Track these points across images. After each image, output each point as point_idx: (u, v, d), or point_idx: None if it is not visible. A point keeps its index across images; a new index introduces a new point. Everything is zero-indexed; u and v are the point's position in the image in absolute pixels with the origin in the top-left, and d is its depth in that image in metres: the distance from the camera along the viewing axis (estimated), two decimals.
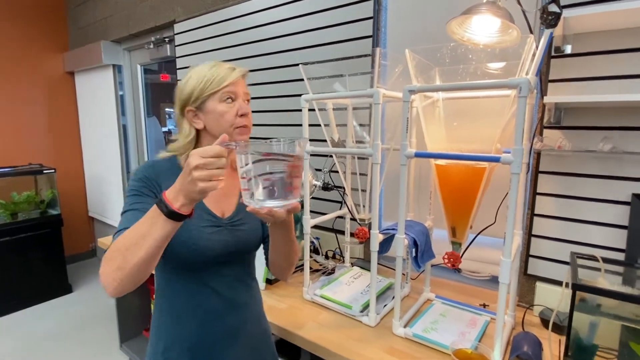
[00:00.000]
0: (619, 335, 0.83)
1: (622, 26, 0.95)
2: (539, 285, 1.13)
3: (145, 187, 0.77)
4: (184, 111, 0.82)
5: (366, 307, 1.13)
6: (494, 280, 1.29)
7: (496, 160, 0.82)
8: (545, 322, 1.07)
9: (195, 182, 0.57)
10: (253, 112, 1.10)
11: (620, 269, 0.91)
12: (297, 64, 1.67)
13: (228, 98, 0.79)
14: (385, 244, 1.10)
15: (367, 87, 1.43)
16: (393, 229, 1.08)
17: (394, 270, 1.43)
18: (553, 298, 1.11)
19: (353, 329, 1.05)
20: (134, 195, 0.76)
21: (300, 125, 1.24)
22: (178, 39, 2.25)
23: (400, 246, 0.99)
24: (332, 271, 1.38)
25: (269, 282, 1.32)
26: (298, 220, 1.45)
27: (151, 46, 2.56)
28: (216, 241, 0.80)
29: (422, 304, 1.19)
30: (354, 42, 1.48)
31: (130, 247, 0.61)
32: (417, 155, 0.92)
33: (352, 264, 1.47)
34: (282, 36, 1.71)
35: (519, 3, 0.98)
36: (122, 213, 0.74)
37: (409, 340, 0.99)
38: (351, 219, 1.39)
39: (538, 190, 1.10)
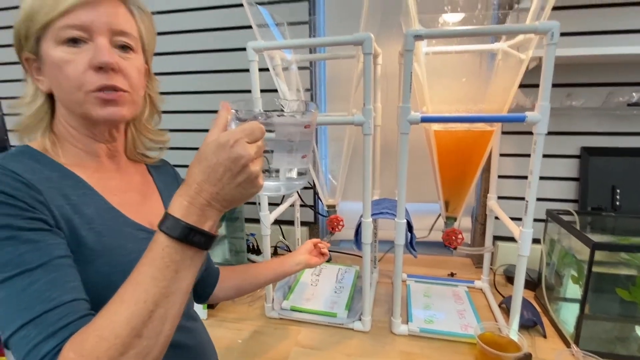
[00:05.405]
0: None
1: None
2: (501, 244, 1.15)
3: (35, 207, 0.40)
4: (22, 59, 0.49)
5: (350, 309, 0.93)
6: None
7: (521, 120, 0.71)
8: (511, 280, 1.09)
9: (254, 182, 0.39)
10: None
11: (588, 218, 0.97)
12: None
13: (70, 39, 0.44)
14: (358, 232, 0.91)
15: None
16: (382, 213, 0.89)
17: (352, 255, 1.28)
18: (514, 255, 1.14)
19: (348, 342, 0.85)
20: (37, 231, 0.39)
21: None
22: None
23: (402, 233, 0.81)
24: None
25: (210, 307, 0.97)
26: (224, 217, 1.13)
27: None
28: None
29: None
30: None
31: (150, 321, 0.35)
32: (424, 120, 0.74)
33: None
34: None
35: None
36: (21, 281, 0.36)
37: (414, 337, 0.85)
38: (301, 205, 1.14)
39: (500, 152, 1.08)
